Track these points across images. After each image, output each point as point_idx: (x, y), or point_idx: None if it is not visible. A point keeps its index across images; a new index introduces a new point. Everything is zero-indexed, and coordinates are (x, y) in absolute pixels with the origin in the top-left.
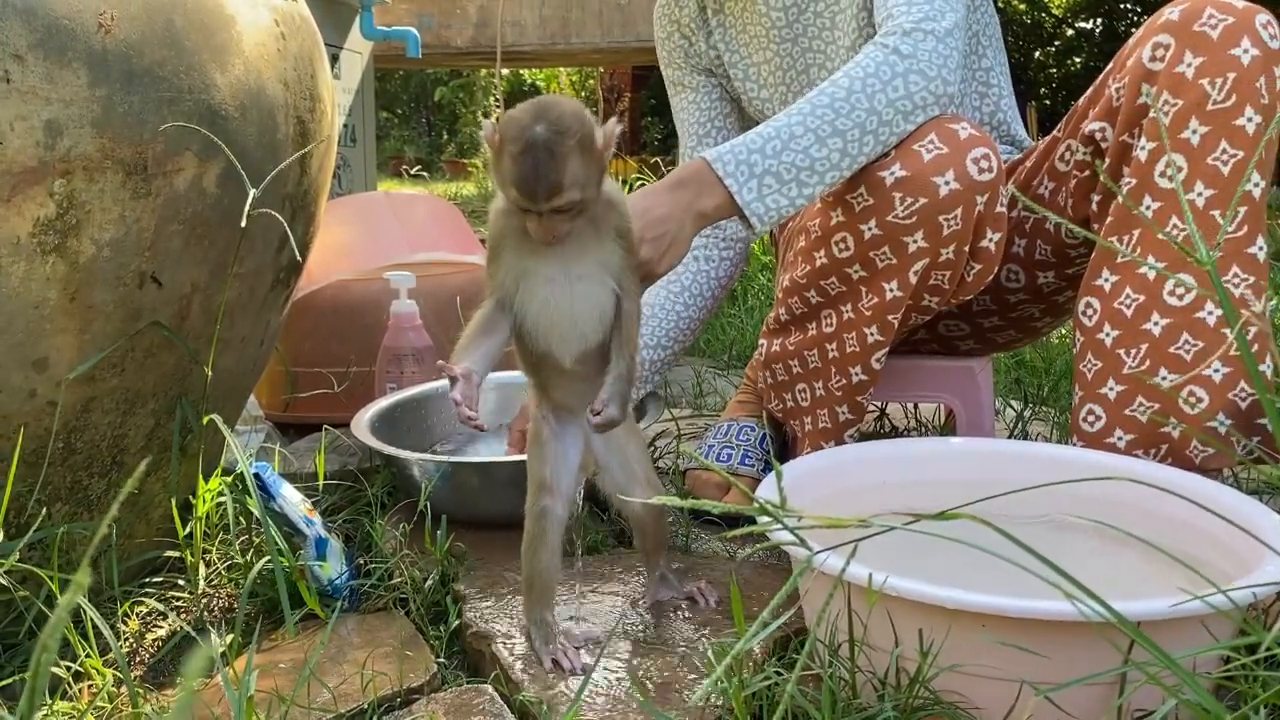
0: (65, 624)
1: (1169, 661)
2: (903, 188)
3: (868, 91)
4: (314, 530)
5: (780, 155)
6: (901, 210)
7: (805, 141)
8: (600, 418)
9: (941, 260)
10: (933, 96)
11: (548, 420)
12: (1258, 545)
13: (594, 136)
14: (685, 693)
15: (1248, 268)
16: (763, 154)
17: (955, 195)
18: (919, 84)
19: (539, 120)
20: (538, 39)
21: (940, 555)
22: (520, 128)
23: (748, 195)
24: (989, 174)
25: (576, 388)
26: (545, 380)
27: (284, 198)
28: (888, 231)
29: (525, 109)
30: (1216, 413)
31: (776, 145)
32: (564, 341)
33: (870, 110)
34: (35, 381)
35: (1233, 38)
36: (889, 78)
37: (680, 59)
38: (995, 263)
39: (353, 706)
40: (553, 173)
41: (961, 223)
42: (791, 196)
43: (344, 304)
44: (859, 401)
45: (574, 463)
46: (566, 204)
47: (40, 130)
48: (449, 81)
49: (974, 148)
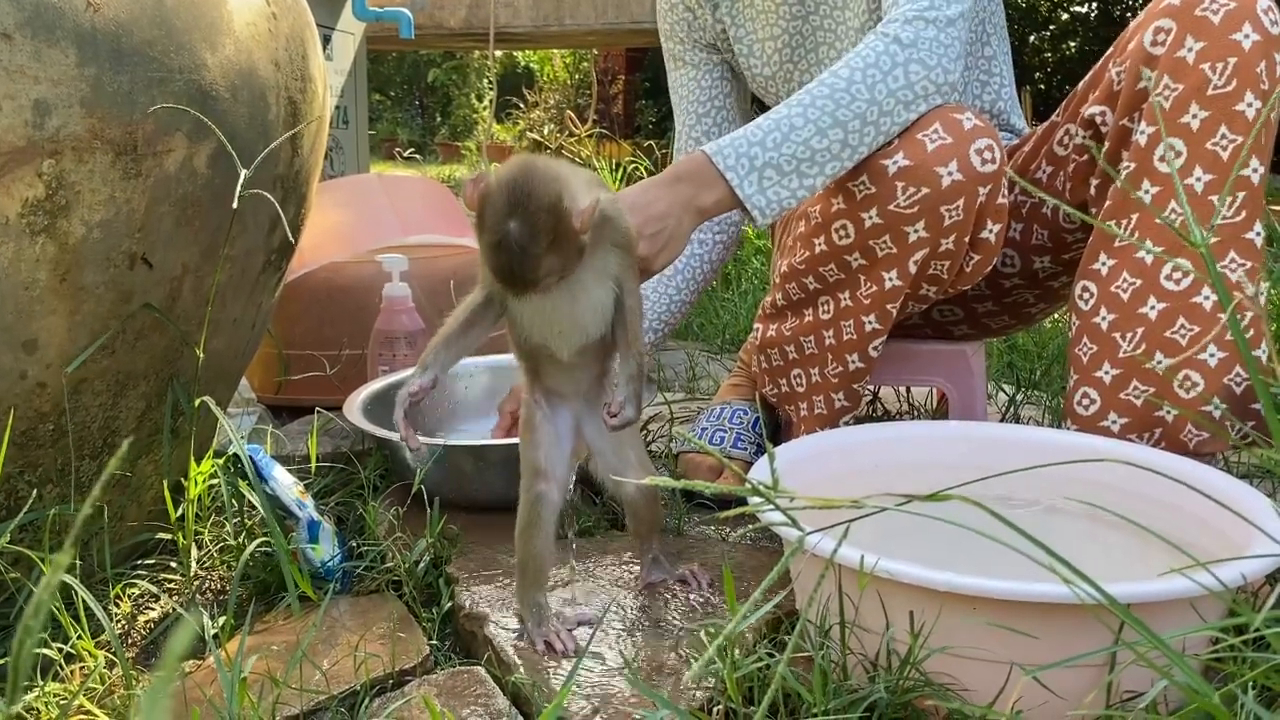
0: (55, 605)
1: (1158, 642)
2: (905, 177)
3: (868, 81)
4: (306, 513)
5: (780, 147)
6: (903, 199)
7: (806, 133)
8: (617, 419)
9: (941, 250)
10: (934, 86)
11: (540, 405)
12: (1248, 528)
13: (570, 223)
14: (677, 674)
15: (1245, 253)
16: (763, 146)
17: (958, 186)
18: (919, 73)
19: (513, 214)
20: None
21: (932, 538)
22: (496, 218)
23: (749, 189)
24: (992, 165)
25: (571, 375)
26: (538, 367)
27: (275, 179)
28: (889, 220)
29: (503, 190)
30: (1211, 397)
31: (776, 137)
32: (563, 337)
33: (871, 100)
34: (25, 363)
35: (1234, 23)
36: (889, 67)
37: (683, 31)
38: (994, 254)
39: (345, 688)
40: (528, 271)
41: (963, 213)
42: (793, 188)
43: (336, 286)
44: (855, 389)
45: (567, 447)
46: (542, 289)
47: (29, 110)
48: (442, 63)
49: (978, 138)
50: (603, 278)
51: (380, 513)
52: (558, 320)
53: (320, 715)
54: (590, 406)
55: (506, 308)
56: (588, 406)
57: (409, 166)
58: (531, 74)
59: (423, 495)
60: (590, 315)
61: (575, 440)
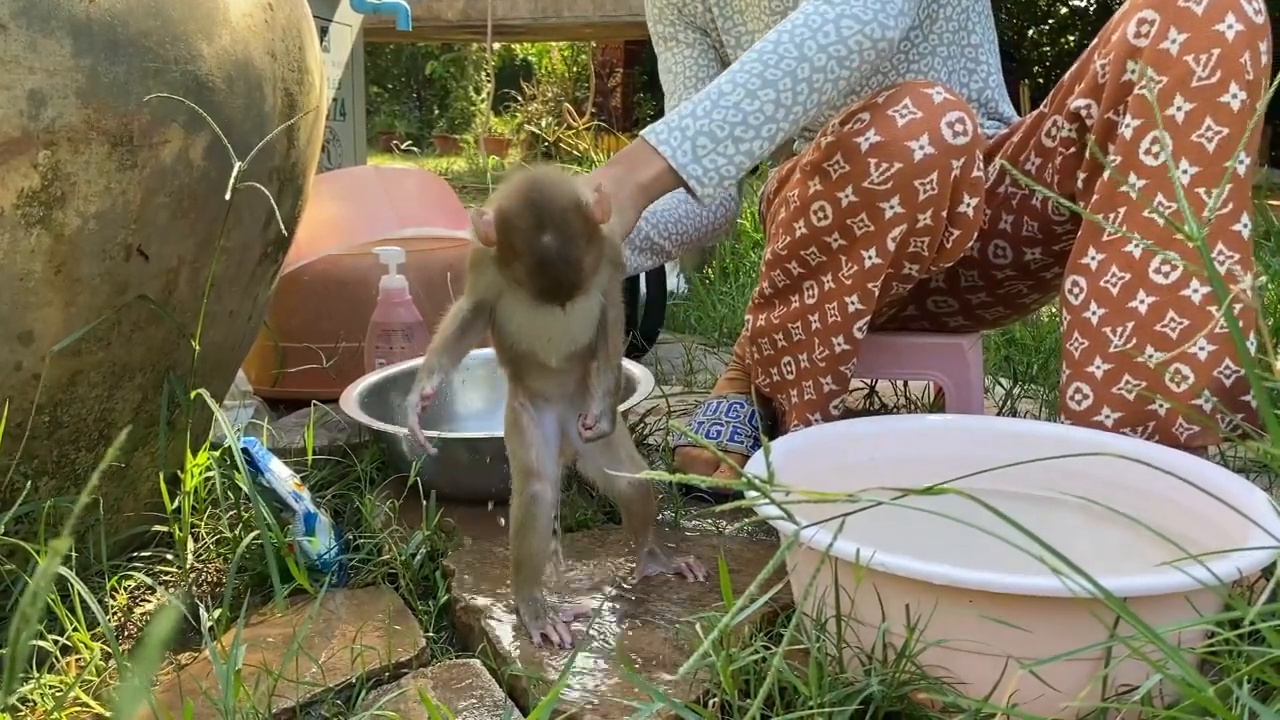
0: (51, 597)
1: (1153, 636)
2: (878, 153)
3: (796, 40)
4: (303, 505)
5: (711, 115)
6: (877, 176)
7: (735, 97)
8: (591, 432)
9: (919, 226)
10: (868, 40)
11: (525, 407)
12: (1243, 521)
13: (591, 214)
14: (673, 666)
15: (1233, 245)
16: (693, 117)
17: (930, 160)
18: (852, 27)
19: (544, 227)
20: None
21: (928, 531)
22: (527, 238)
23: (682, 159)
24: (964, 138)
25: (556, 379)
26: (522, 372)
27: (272, 171)
28: (864, 198)
29: (522, 207)
30: (1202, 390)
31: (706, 106)
32: (553, 345)
33: (800, 58)
34: (20, 355)
35: (1217, 13)
36: (819, 24)
37: (673, 15)
38: (974, 228)
39: (341, 680)
40: (575, 280)
41: (938, 187)
42: (730, 155)
43: (333, 279)
44: (842, 372)
45: (555, 446)
46: (587, 290)
47: (24, 100)
48: (440, 56)
49: (948, 112)
50: (595, 289)
51: (377, 505)
52: (549, 328)
53: (316, 707)
54: (575, 409)
55: (495, 315)
56: (572, 409)
57: (406, 159)
58: (529, 67)
59: (419, 488)
60: (580, 324)
61: (560, 442)
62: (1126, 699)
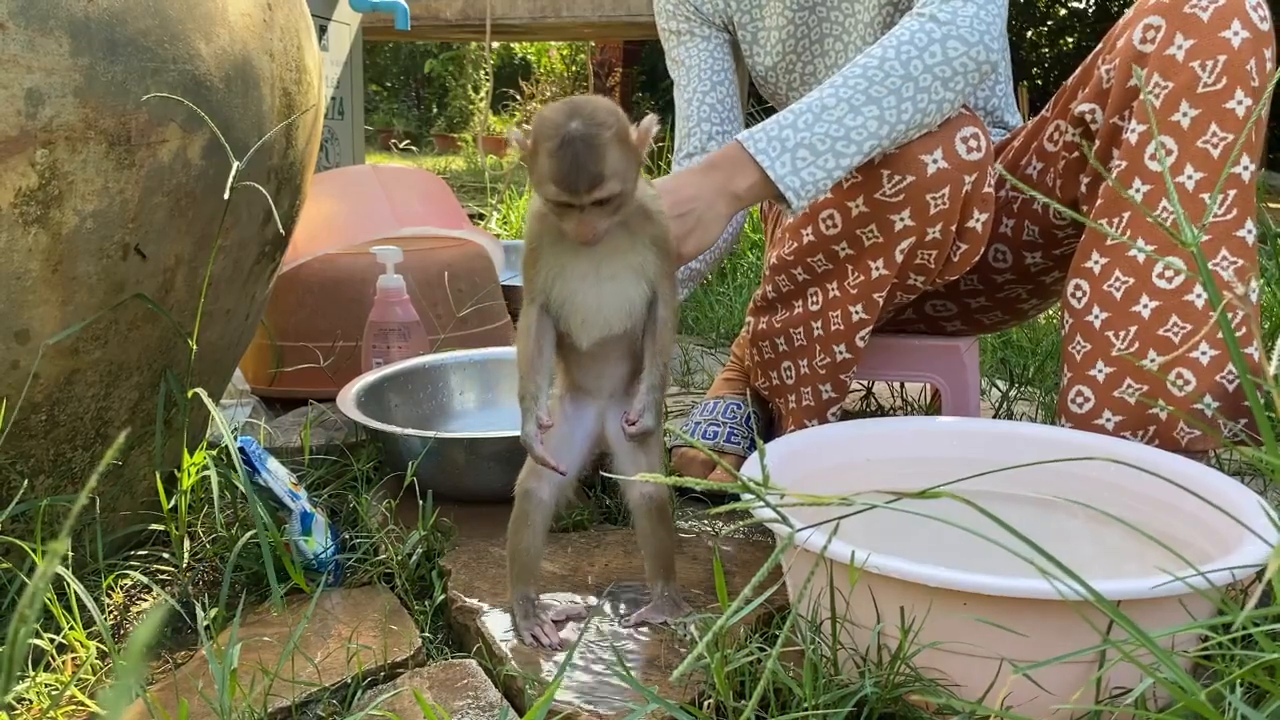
0: (48, 595)
1: (1146, 640)
2: (891, 165)
3: (902, 58)
4: (299, 505)
5: (813, 127)
6: (889, 188)
7: (839, 111)
8: (636, 428)
9: (928, 239)
10: (973, 63)
11: (563, 402)
12: (1239, 526)
13: (629, 130)
14: (668, 667)
15: (1236, 250)
16: (794, 128)
17: (943, 174)
18: (958, 49)
19: (574, 117)
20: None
21: (923, 533)
22: (555, 125)
23: (781, 170)
24: (977, 153)
25: (594, 368)
26: (568, 361)
27: (269, 170)
28: (875, 209)
29: (558, 108)
30: (1203, 395)
31: (809, 118)
32: (585, 326)
33: (905, 76)
34: (17, 353)
35: (1223, 20)
36: (925, 44)
37: (689, 11)
38: (981, 243)
39: (337, 680)
40: (592, 164)
41: (949, 202)
42: (828, 169)
43: (330, 278)
44: (842, 379)
45: (579, 448)
46: (607, 195)
47: (21, 99)
48: (439, 54)
49: (963, 127)
50: (636, 275)
51: (373, 505)
52: (582, 307)
53: (312, 707)
54: (618, 408)
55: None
56: (614, 407)
57: (405, 158)
58: (528, 66)
59: (416, 488)
60: (614, 307)
61: (594, 440)
62: (1119, 702)
